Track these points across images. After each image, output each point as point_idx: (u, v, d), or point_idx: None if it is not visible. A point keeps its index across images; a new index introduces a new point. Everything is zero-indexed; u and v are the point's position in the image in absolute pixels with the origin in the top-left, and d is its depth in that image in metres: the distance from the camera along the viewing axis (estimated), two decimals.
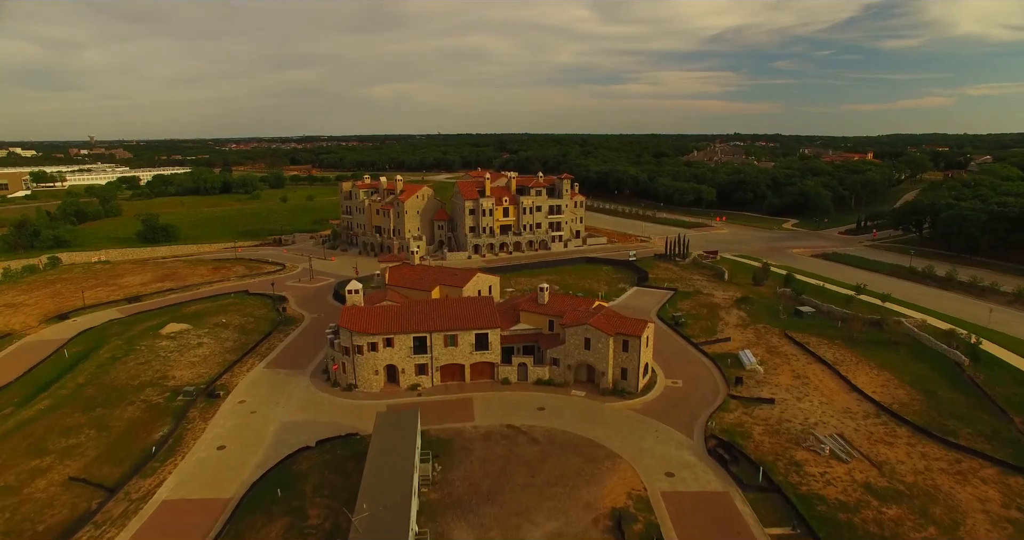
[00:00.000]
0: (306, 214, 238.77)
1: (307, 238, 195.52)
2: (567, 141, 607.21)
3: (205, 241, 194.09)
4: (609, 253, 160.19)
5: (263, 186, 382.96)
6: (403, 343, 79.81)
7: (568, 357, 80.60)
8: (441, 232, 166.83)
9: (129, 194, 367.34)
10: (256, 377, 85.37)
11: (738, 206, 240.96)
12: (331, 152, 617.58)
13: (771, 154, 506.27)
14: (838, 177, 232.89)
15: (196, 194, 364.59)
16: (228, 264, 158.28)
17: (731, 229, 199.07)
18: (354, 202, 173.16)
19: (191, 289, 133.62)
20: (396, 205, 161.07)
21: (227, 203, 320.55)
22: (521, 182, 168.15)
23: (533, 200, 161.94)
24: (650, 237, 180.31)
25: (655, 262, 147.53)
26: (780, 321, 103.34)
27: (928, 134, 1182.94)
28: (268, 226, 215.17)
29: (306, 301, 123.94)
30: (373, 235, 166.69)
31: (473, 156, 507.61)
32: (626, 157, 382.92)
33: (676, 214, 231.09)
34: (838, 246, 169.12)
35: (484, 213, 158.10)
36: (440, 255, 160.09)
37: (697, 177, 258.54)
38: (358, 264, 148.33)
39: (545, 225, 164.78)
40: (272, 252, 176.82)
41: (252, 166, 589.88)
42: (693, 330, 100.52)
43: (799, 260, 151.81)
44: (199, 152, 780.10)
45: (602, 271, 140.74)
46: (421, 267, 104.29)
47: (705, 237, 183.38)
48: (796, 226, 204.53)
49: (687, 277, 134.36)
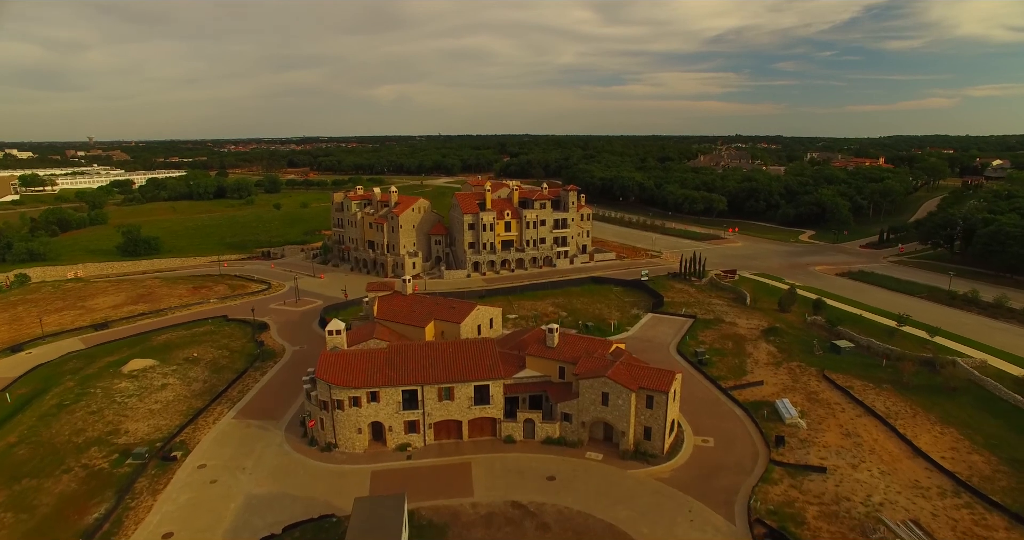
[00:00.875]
0: (298, 224, 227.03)
1: (297, 251, 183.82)
2: (569, 144, 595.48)
3: (190, 254, 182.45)
4: (619, 271, 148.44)
5: (258, 191, 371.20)
6: (390, 397, 68.12)
7: (582, 413, 68.90)
8: (438, 247, 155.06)
9: (121, 198, 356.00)
10: (223, 431, 73.63)
11: (750, 215, 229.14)
12: (329, 154, 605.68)
13: (776, 157, 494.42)
14: (855, 186, 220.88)
15: (189, 199, 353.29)
16: (210, 282, 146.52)
17: (745, 242, 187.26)
18: (346, 214, 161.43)
19: (165, 314, 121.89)
20: (390, 219, 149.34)
21: (219, 209, 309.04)
22: (524, 194, 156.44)
23: (537, 214, 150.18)
24: (661, 252, 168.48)
25: (669, 282, 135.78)
26: (815, 358, 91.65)
27: (931, 135, 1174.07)
28: (257, 237, 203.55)
29: (289, 328, 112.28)
30: (366, 250, 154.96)
31: (473, 159, 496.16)
32: (630, 162, 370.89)
33: (685, 224, 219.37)
34: (862, 262, 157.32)
35: (484, 228, 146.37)
36: (437, 273, 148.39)
37: (706, 185, 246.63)
38: (347, 286, 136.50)
39: (550, 240, 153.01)
40: (259, 267, 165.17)
41: (249, 169, 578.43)
42: (719, 370, 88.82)
43: (823, 279, 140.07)
44: (197, 154, 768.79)
45: (613, 293, 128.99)
46: (414, 297, 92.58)
47: (719, 251, 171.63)
48: (813, 238, 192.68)
49: (705, 301, 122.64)
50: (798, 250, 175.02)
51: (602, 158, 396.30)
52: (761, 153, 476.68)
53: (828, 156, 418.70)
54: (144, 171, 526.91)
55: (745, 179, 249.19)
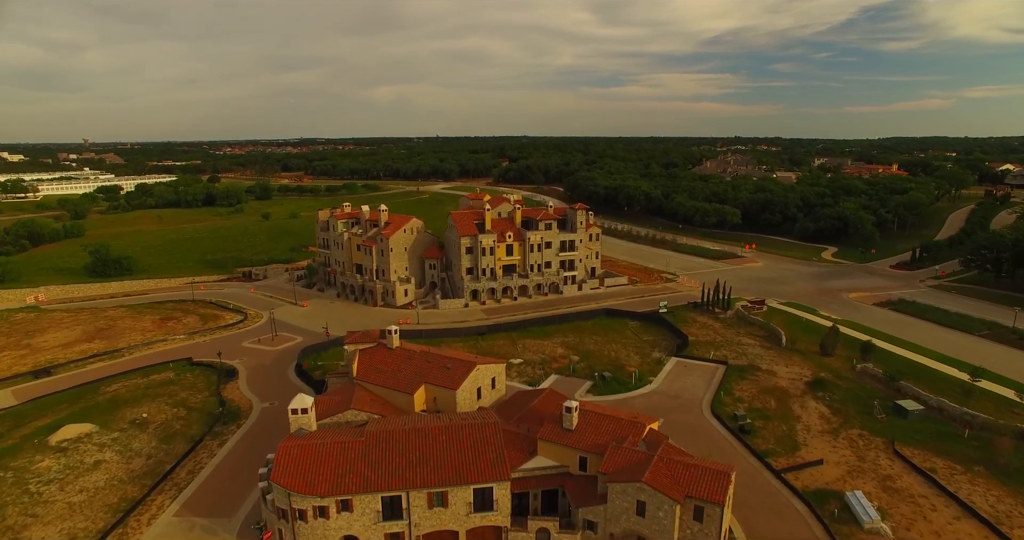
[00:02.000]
0: (285, 238, 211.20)
1: (281, 271, 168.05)
2: (569, 147, 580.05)
3: (165, 274, 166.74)
4: (632, 299, 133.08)
5: (248, 198, 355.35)
6: (367, 505, 52.72)
7: (611, 523, 53.58)
8: (433, 272, 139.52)
9: (106, 206, 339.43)
10: (158, 537, 58.13)
11: (765, 228, 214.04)
12: (324, 158, 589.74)
13: (779, 160, 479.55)
14: (878, 197, 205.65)
15: (177, 206, 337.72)
16: (179, 312, 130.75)
17: (765, 261, 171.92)
18: (331, 235, 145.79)
19: (123, 354, 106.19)
20: (379, 241, 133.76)
21: (206, 218, 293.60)
22: (528, 213, 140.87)
23: (542, 235, 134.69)
24: (677, 275, 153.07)
25: (691, 315, 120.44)
26: (878, 423, 76.44)
27: (930, 137, 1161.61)
28: (240, 254, 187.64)
29: (261, 375, 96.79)
30: (353, 275, 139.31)
31: (471, 164, 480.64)
32: (634, 168, 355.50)
33: (698, 238, 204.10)
34: (898, 286, 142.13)
35: (484, 252, 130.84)
36: (431, 301, 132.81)
37: (717, 195, 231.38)
38: (330, 321, 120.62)
39: (556, 265, 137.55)
40: (237, 292, 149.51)
41: (242, 173, 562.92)
42: (766, 440, 73.50)
43: (861, 310, 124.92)
44: (192, 156, 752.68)
45: (628, 329, 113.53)
46: (401, 353, 76.98)
47: (738, 274, 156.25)
48: (837, 257, 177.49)
49: (734, 339, 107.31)
50: (824, 272, 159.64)
51: (604, 164, 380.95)
52: (766, 157, 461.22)
53: (838, 162, 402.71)
54: (135, 176, 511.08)
55: (758, 189, 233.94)
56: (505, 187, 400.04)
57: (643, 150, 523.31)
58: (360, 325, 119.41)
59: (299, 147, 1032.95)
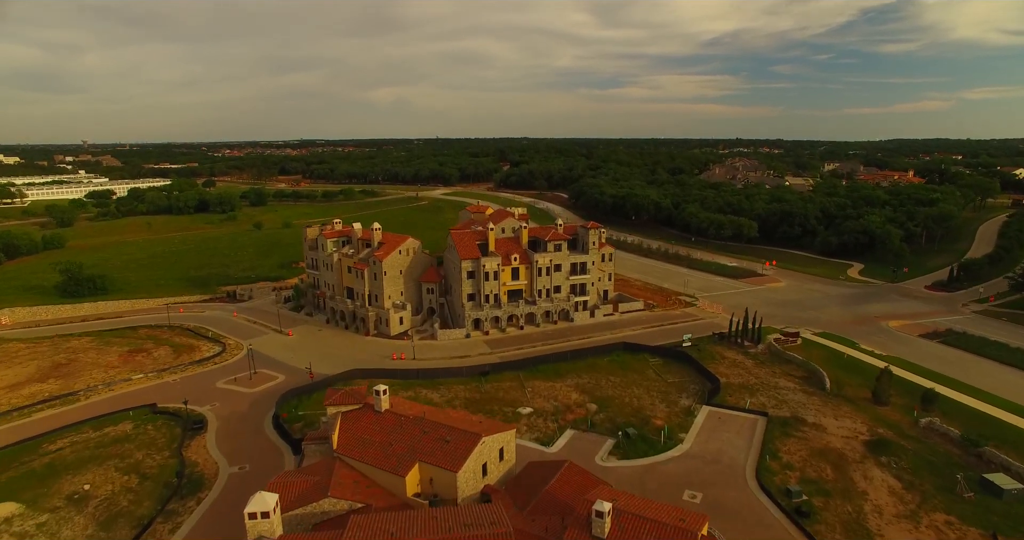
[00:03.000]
0: (275, 251, 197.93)
1: (268, 291, 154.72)
2: (571, 151, 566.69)
3: (143, 294, 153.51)
4: (651, 328, 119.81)
5: (243, 204, 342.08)
6: None
7: None
8: (431, 297, 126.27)
9: (95, 212, 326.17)
10: None
11: (783, 242, 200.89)
12: (323, 161, 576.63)
13: (786, 165, 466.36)
14: (905, 210, 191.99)
15: (168, 213, 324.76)
16: (152, 343, 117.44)
17: (787, 279, 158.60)
18: (320, 255, 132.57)
19: (78, 398, 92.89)
20: (372, 264, 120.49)
21: (197, 226, 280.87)
22: (535, 232, 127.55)
23: (551, 258, 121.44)
24: (696, 298, 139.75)
25: (718, 349, 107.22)
26: (966, 505, 63.15)
27: (931, 139, 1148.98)
28: (226, 270, 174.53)
29: (233, 426, 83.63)
30: (343, 300, 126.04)
31: (472, 168, 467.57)
32: (639, 173, 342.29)
33: (713, 252, 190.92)
34: (940, 313, 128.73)
35: (487, 276, 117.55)
36: (429, 330, 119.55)
37: (731, 206, 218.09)
38: (314, 360, 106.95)
39: (566, 289, 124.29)
40: (219, 315, 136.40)
41: (239, 176, 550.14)
42: (831, 528, 60.13)
43: (905, 343, 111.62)
44: (190, 159, 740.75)
45: (650, 368, 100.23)
46: (392, 417, 63.68)
47: (761, 295, 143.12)
48: (864, 274, 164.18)
49: (770, 381, 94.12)
50: (854, 293, 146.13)
51: (608, 169, 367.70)
52: (775, 163, 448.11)
53: (850, 168, 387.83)
54: (129, 179, 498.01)
55: (774, 199, 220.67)
56: (507, 193, 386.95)
57: (648, 154, 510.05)
58: (350, 359, 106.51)
59: (298, 149, 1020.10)
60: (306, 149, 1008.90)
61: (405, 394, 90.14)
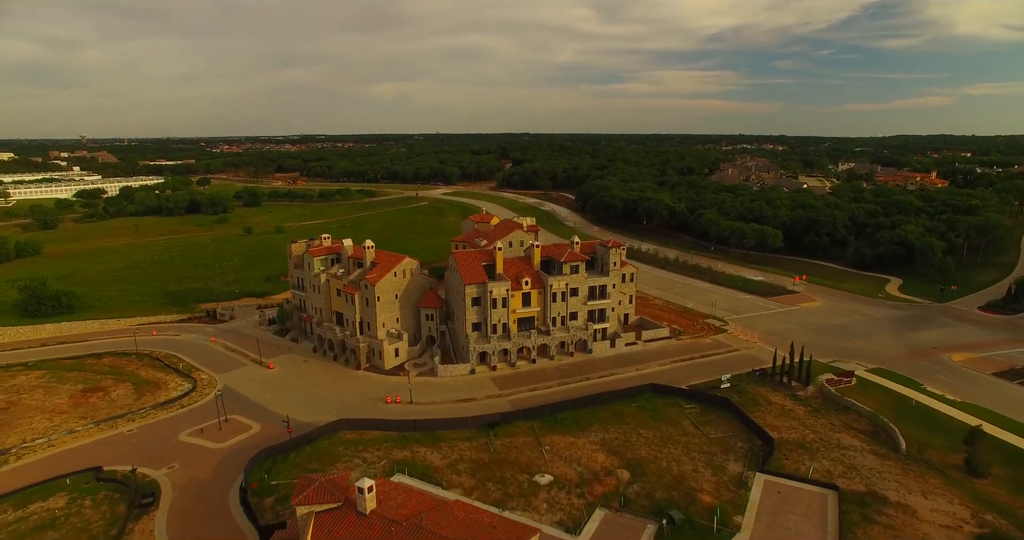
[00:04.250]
0: (262, 262, 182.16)
1: (252, 309, 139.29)
2: (575, 149, 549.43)
3: (115, 311, 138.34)
4: (680, 362, 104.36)
5: (236, 204, 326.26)
6: None
7: None
8: (431, 325, 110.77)
9: (82, 213, 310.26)
10: None
11: (809, 252, 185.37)
12: (321, 159, 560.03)
13: (794, 163, 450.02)
14: (945, 219, 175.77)
15: (158, 214, 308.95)
16: (112, 378, 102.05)
17: (822, 297, 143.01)
18: (307, 274, 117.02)
19: (5, 459, 77.39)
20: (364, 287, 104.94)
21: (186, 229, 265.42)
22: (548, 251, 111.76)
23: (567, 281, 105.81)
24: (727, 322, 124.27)
25: (760, 391, 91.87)
26: None
27: (936, 135, 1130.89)
28: (208, 284, 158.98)
29: (191, 501, 68.35)
30: (332, 326, 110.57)
31: (473, 166, 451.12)
32: (648, 174, 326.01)
33: (735, 264, 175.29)
34: (1007, 342, 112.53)
35: (495, 303, 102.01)
36: (428, 364, 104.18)
37: (752, 212, 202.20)
38: (297, 403, 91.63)
39: (583, 316, 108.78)
40: (195, 339, 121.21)
41: (235, 174, 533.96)
42: None
43: (978, 383, 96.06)
44: (187, 155, 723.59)
45: (685, 416, 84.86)
46: (379, 524, 48.22)
47: (796, 318, 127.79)
48: (905, 291, 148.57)
49: (830, 437, 78.82)
50: (899, 316, 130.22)
51: (616, 168, 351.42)
52: (786, 162, 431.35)
53: (867, 168, 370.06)
54: (123, 177, 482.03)
55: (797, 205, 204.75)
56: (509, 193, 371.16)
57: (656, 153, 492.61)
58: (337, 402, 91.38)
59: (298, 145, 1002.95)
60: (306, 145, 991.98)
61: (400, 455, 75.17)
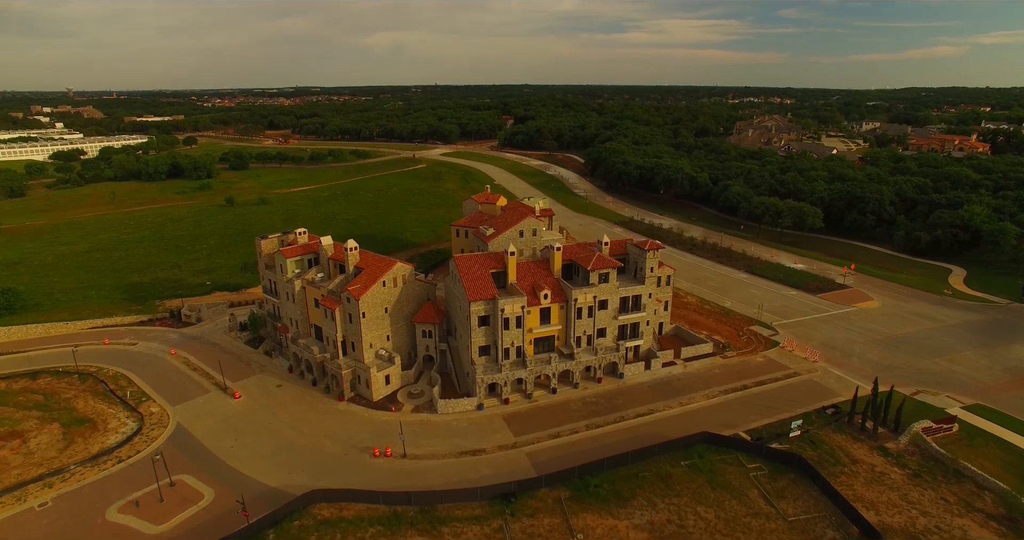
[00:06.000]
0: (240, 243, 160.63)
1: (223, 308, 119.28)
2: (580, 105, 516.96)
3: (65, 312, 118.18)
4: (730, 392, 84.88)
5: (221, 168, 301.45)
6: None
7: None
8: (429, 341, 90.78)
9: (55, 179, 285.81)
10: None
11: (851, 232, 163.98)
12: (314, 114, 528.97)
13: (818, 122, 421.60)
14: (1016, 198, 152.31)
15: (138, 179, 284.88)
16: (36, 417, 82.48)
17: (877, 292, 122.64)
18: (279, 278, 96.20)
19: None
20: (346, 301, 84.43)
21: (166, 198, 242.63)
22: (571, 252, 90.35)
23: (595, 293, 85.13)
24: (776, 330, 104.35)
25: (839, 441, 72.75)
26: None
27: (948, 87, 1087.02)
28: (175, 273, 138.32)
29: None
30: (309, 346, 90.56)
31: (473, 124, 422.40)
32: (662, 135, 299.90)
33: (768, 246, 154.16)
34: None
35: (507, 324, 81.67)
36: (425, 395, 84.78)
37: (785, 186, 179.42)
38: (242, 477, 72.34)
39: (612, 332, 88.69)
40: (152, 351, 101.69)
41: (224, 131, 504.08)
42: None
43: None
44: (176, 110, 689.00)
45: (751, 483, 65.80)
46: None
47: (854, 323, 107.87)
48: (971, 284, 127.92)
49: (944, 521, 60.05)
50: (977, 321, 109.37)
51: (625, 127, 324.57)
52: (804, 120, 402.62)
53: (896, 130, 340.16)
54: (105, 135, 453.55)
55: (835, 177, 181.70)
56: (512, 153, 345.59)
57: (667, 110, 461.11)
58: (313, 449, 73.02)
59: (293, 98, 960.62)
60: (300, 98, 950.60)
61: None
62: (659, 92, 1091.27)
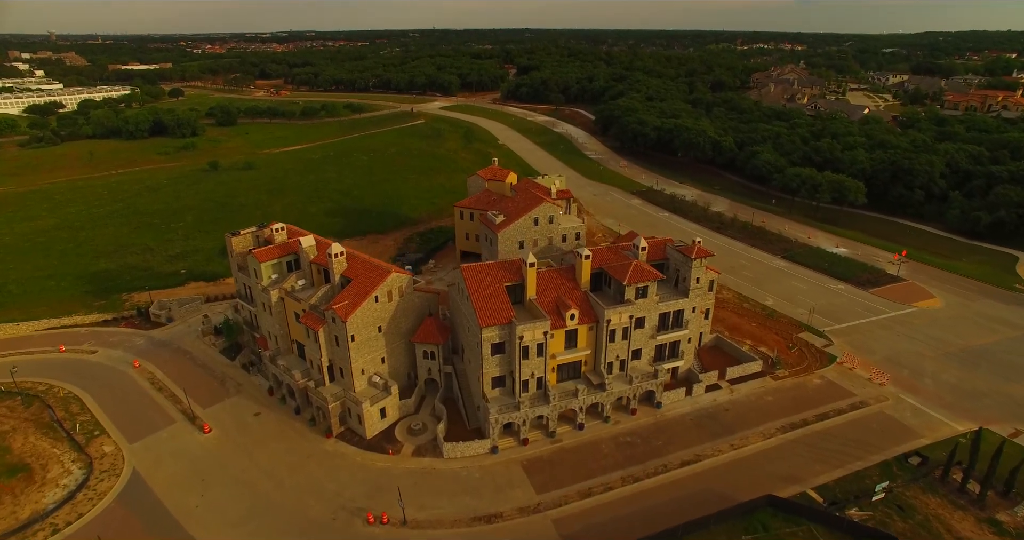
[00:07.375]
0: (223, 218, 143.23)
1: (198, 304, 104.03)
2: (587, 54, 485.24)
3: (17, 310, 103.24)
4: (789, 430, 70.53)
5: (207, 124, 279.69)
6: None
7: None
8: (431, 363, 75.81)
9: (28, 136, 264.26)
10: None
11: (895, 208, 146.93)
12: (308, 63, 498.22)
13: (835, 71, 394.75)
14: None
15: (118, 137, 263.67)
16: None
17: (939, 289, 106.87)
18: (253, 283, 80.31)
19: None
20: (332, 321, 68.88)
21: (147, 159, 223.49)
22: (602, 259, 73.93)
23: (631, 312, 69.39)
24: (829, 339, 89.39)
25: (933, 508, 58.94)
26: None
27: (966, 32, 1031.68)
28: (146, 257, 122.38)
29: None
30: (291, 365, 75.65)
31: (474, 75, 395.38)
32: (677, 91, 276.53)
33: (803, 224, 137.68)
34: None
35: (527, 352, 66.40)
36: (427, 434, 70.48)
37: (821, 153, 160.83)
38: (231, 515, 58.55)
39: (648, 352, 73.66)
40: (115, 362, 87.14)
41: (212, 81, 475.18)
42: None
43: None
44: (164, 57, 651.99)
45: None
46: None
47: (916, 330, 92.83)
48: None
49: None
50: None
51: (636, 80, 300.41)
52: (822, 71, 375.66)
53: (928, 83, 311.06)
54: (87, 86, 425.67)
55: (876, 145, 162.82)
56: (515, 107, 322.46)
57: (679, 60, 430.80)
58: (294, 509, 58.42)
59: (286, 44, 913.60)
60: (293, 44, 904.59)
61: None
62: (664, 37, 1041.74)
